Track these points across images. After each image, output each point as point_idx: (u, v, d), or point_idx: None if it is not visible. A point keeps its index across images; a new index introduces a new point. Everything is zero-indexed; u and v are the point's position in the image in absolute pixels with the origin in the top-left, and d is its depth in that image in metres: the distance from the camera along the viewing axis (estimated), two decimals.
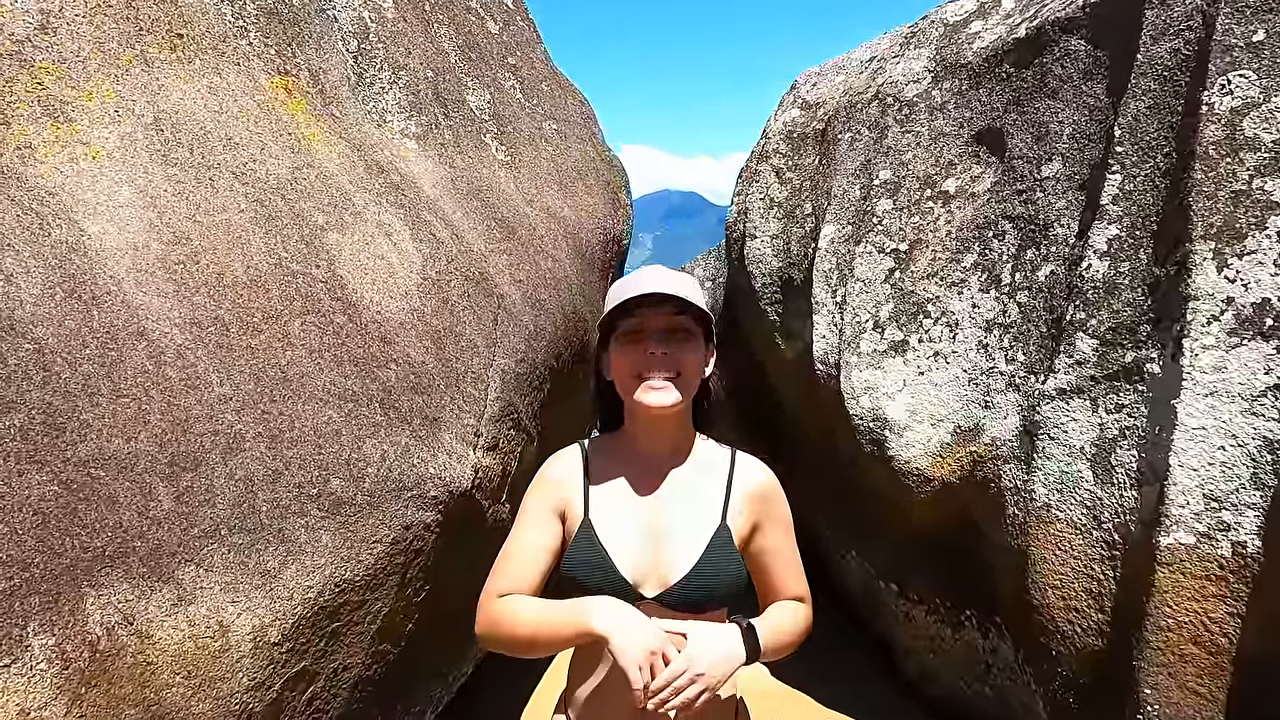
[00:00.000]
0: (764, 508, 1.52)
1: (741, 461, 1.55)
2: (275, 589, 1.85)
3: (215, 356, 2.04)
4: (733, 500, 1.48)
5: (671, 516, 1.44)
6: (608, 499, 1.44)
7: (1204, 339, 2.23)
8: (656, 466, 1.47)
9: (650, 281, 1.39)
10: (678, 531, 1.43)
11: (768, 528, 1.52)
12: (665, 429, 1.46)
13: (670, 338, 1.39)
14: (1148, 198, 2.52)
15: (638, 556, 1.40)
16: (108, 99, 2.31)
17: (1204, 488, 2.19)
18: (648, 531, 1.42)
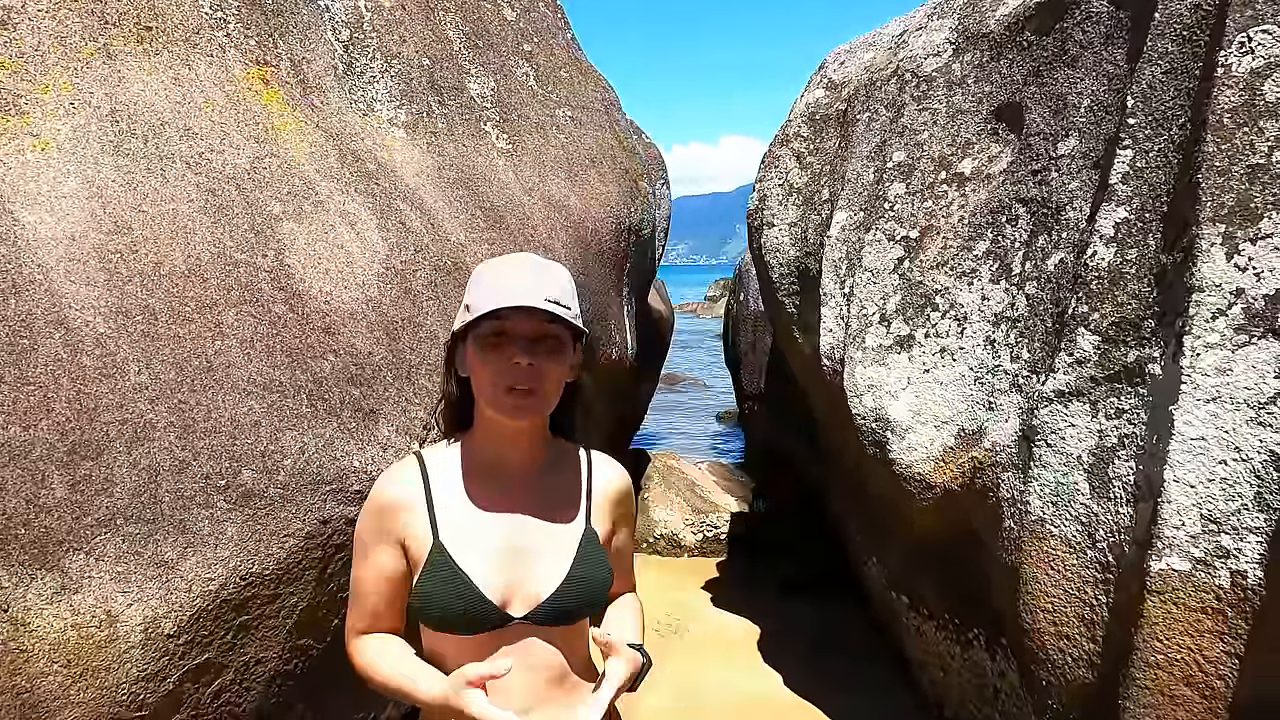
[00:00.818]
0: (622, 509, 1.46)
1: (598, 461, 1.47)
2: (172, 580, 1.84)
3: (138, 345, 2.05)
4: (594, 502, 1.41)
5: (533, 528, 1.34)
6: (458, 516, 1.31)
7: (1207, 336, 1.94)
8: (511, 474, 1.35)
9: (522, 288, 1.23)
10: (542, 543, 1.33)
11: (622, 528, 1.48)
12: (521, 439, 1.35)
13: (537, 347, 1.26)
14: (1160, 175, 2.22)
15: (501, 575, 1.29)
16: (64, 91, 2.36)
17: (1201, 507, 1.91)
18: (508, 547, 1.31)
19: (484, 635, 1.27)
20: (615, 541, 1.45)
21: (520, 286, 1.24)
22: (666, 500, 6.30)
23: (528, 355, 1.24)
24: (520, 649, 1.28)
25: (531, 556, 1.32)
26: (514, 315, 1.23)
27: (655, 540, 6.13)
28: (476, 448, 1.36)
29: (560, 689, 1.32)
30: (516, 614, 1.29)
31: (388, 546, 1.31)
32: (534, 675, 1.30)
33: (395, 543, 1.30)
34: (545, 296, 1.24)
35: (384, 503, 1.32)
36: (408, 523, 1.30)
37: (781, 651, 4.44)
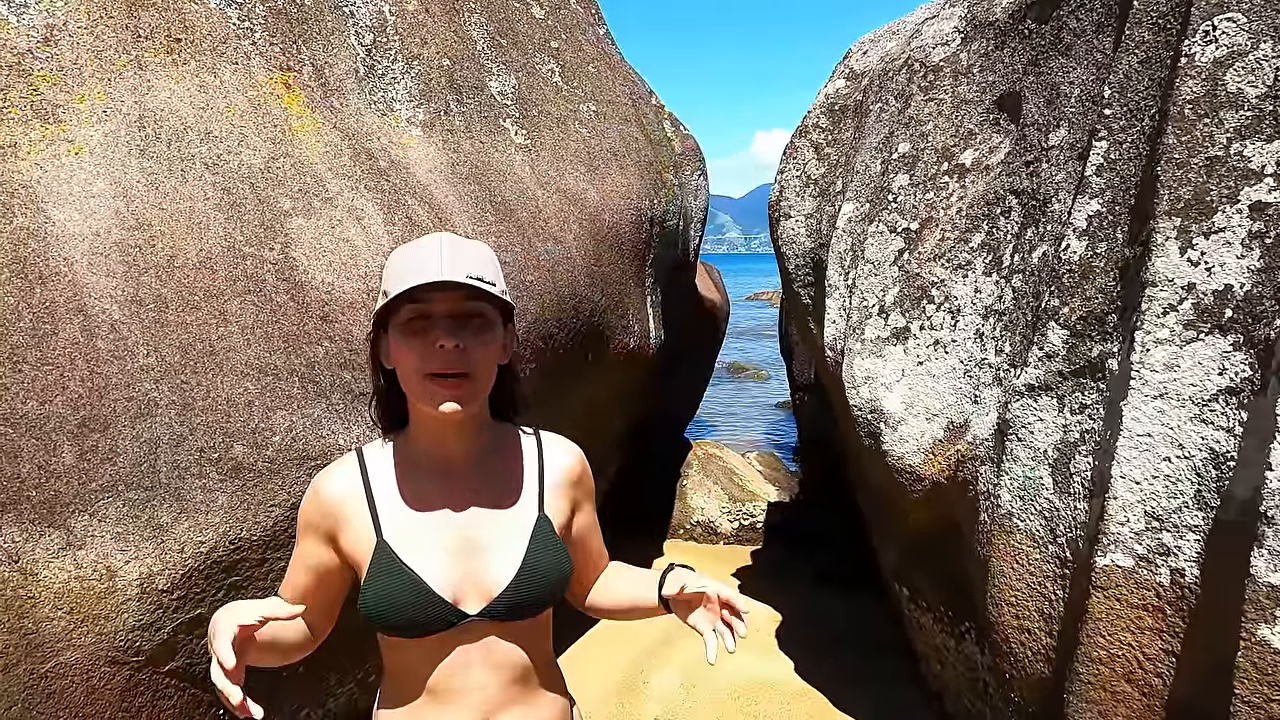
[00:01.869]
0: (580, 489, 1.40)
1: (549, 443, 1.40)
2: (166, 542, 2.05)
3: (148, 331, 2.27)
4: (548, 487, 1.34)
5: (482, 520, 1.27)
6: (402, 513, 1.25)
7: (1157, 332, 1.91)
8: (454, 467, 1.29)
9: (438, 264, 1.16)
10: (493, 535, 1.27)
11: (583, 507, 1.42)
12: (459, 429, 1.27)
13: (462, 327, 1.18)
14: (1131, 168, 2.18)
15: (452, 571, 1.23)
16: (98, 101, 2.61)
17: (1146, 504, 1.90)
18: (458, 541, 1.25)
19: (441, 636, 1.22)
20: (577, 525, 1.40)
21: (436, 263, 1.16)
22: (704, 488, 6.38)
23: (453, 337, 1.16)
24: (480, 648, 1.23)
25: (483, 550, 1.25)
26: (433, 295, 1.16)
27: (691, 527, 6.23)
28: (415, 441, 1.29)
29: (525, 688, 1.28)
30: (471, 611, 1.22)
31: (316, 542, 1.28)
32: (496, 674, 1.25)
33: (325, 540, 1.27)
34: (466, 272, 1.16)
35: (319, 502, 1.28)
36: (346, 523, 1.25)
37: (799, 641, 4.49)
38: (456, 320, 1.18)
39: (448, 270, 1.15)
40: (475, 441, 1.31)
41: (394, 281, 1.19)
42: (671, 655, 4.21)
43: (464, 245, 1.22)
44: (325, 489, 1.28)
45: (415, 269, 1.17)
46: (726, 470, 6.65)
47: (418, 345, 1.18)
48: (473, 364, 1.19)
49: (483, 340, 1.21)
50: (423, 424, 1.28)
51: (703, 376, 8.86)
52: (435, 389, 1.18)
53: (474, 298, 1.19)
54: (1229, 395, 1.77)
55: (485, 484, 1.30)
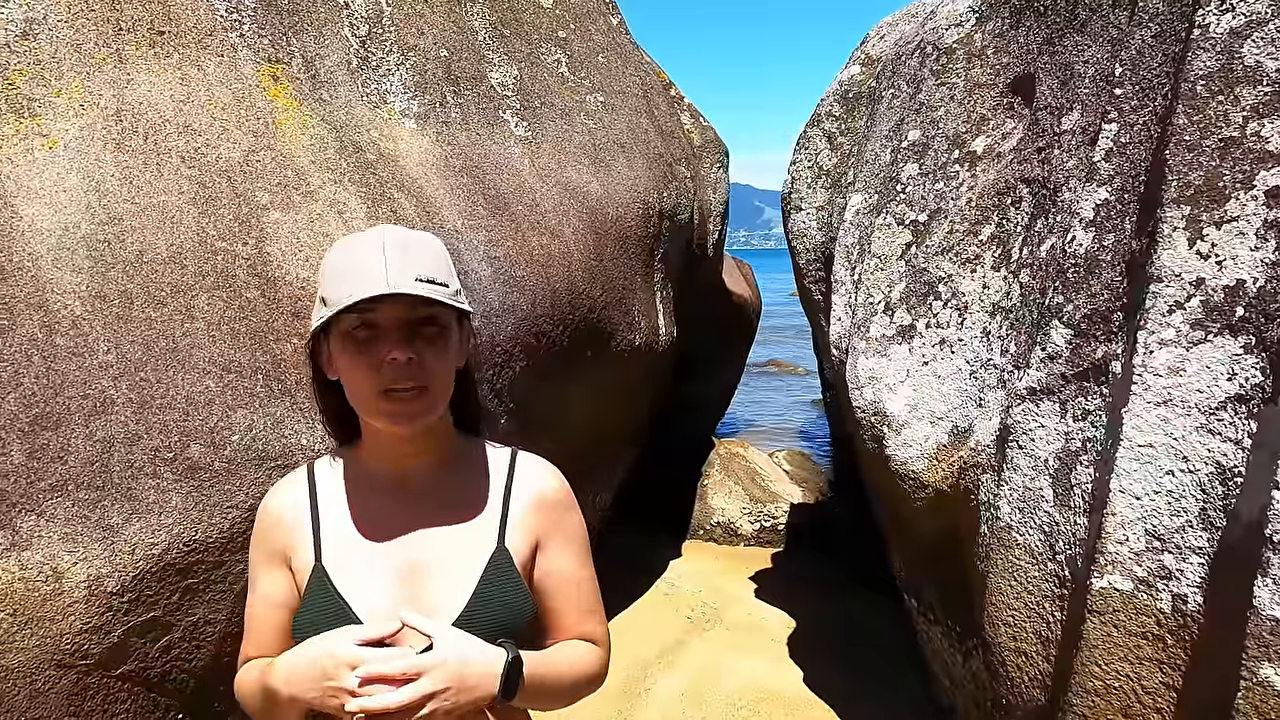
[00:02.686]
0: (549, 519, 1.20)
1: (523, 465, 1.22)
2: (116, 543, 2.01)
3: (110, 327, 2.24)
4: (511, 514, 1.17)
5: (433, 545, 1.13)
6: (345, 535, 1.14)
7: (1162, 332, 1.73)
8: (408, 485, 1.16)
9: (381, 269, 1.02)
10: (442, 563, 1.12)
11: (553, 545, 1.20)
12: (415, 445, 1.15)
13: (414, 335, 1.06)
14: (1141, 151, 2.00)
15: (389, 602, 1.09)
16: (75, 94, 2.59)
17: (1146, 522, 1.72)
18: (402, 568, 1.12)
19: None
20: (546, 563, 1.19)
21: (380, 267, 1.02)
22: (725, 488, 6.24)
23: (405, 349, 1.04)
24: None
25: (429, 579, 1.12)
26: (379, 304, 1.03)
27: (711, 528, 6.10)
28: (366, 456, 1.18)
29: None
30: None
31: (276, 569, 1.16)
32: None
33: (283, 563, 1.16)
34: (415, 275, 1.03)
35: (267, 521, 1.18)
36: (292, 542, 1.15)
37: (812, 648, 4.33)
38: (406, 328, 1.06)
39: (394, 276, 1.02)
40: (433, 457, 1.18)
41: (333, 286, 1.06)
42: (679, 660, 4.10)
43: (410, 243, 1.08)
44: (271, 510, 1.18)
45: (357, 274, 1.04)
46: (749, 470, 6.50)
47: (365, 359, 1.05)
48: (428, 375, 1.07)
49: (437, 349, 1.08)
50: (375, 439, 1.16)
51: (732, 373, 8.70)
52: (388, 407, 1.06)
53: (422, 303, 1.05)
54: (1238, 403, 1.59)
55: (442, 505, 1.16)
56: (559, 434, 3.53)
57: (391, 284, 1.01)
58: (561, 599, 1.21)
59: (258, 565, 1.19)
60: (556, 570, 1.20)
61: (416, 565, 1.12)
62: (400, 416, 1.07)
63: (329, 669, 1.01)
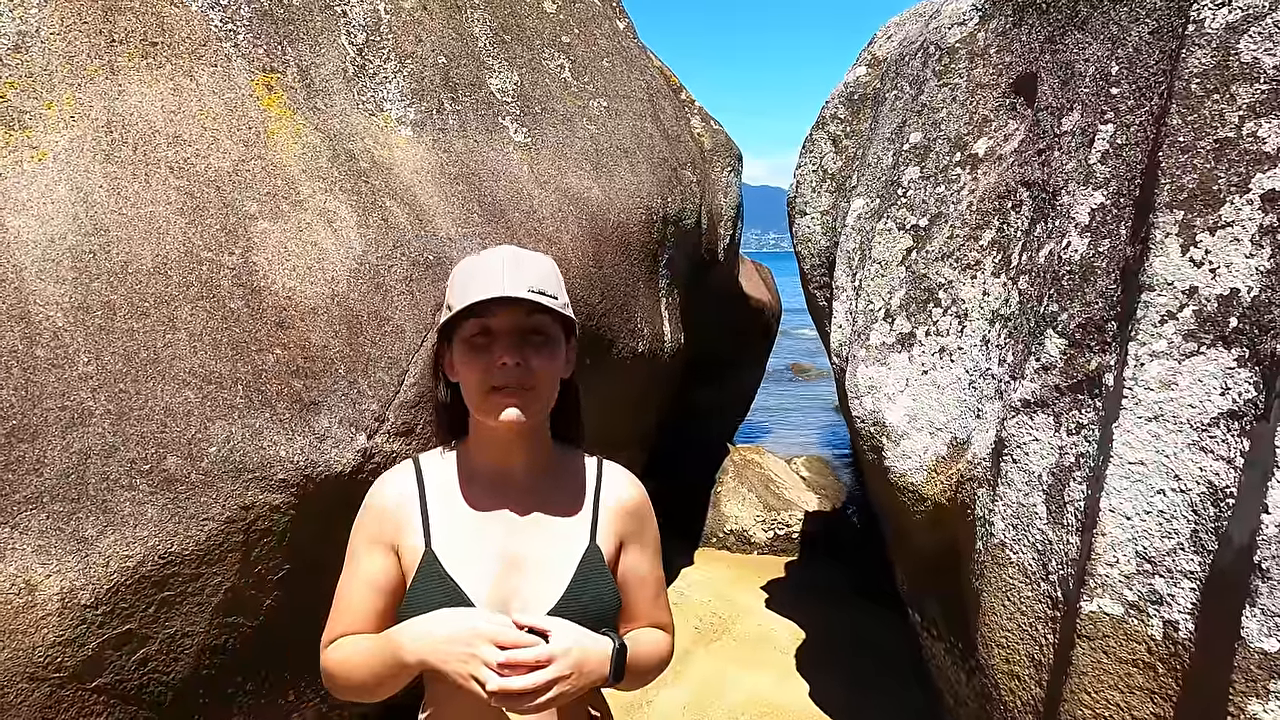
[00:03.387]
0: (633, 526, 1.33)
1: (609, 474, 1.35)
2: (90, 555, 2.00)
3: (92, 338, 2.24)
4: (601, 517, 1.30)
5: (532, 539, 1.25)
6: (453, 524, 1.24)
7: (1154, 344, 1.65)
8: (510, 483, 1.27)
9: (500, 278, 1.15)
10: (541, 556, 1.24)
11: (635, 547, 1.34)
12: (519, 443, 1.26)
13: (524, 343, 1.17)
14: (1137, 153, 1.91)
15: (495, 588, 1.20)
16: (66, 106, 2.60)
17: (1137, 543, 1.64)
18: (504, 558, 1.23)
19: None
20: (627, 562, 1.32)
21: (498, 277, 1.16)
22: (738, 495, 6.16)
23: (515, 353, 1.16)
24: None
25: (529, 570, 1.23)
26: (496, 310, 1.16)
27: (724, 536, 6.02)
28: (473, 454, 1.28)
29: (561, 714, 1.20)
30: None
31: (380, 553, 1.25)
32: None
33: (388, 549, 1.24)
34: (528, 286, 1.16)
35: (377, 508, 1.27)
36: (400, 531, 1.24)
37: (820, 661, 4.25)
38: (518, 335, 1.18)
39: (510, 285, 1.15)
40: (534, 457, 1.29)
41: (457, 295, 1.20)
42: (684, 672, 4.04)
43: (526, 259, 1.21)
44: (381, 498, 1.28)
45: (478, 283, 1.17)
46: (763, 477, 6.41)
47: (481, 361, 1.18)
48: (534, 379, 1.19)
49: (544, 355, 1.20)
50: (483, 436, 1.27)
51: (750, 379, 8.61)
52: (496, 402, 1.18)
53: (536, 312, 1.18)
54: (1231, 419, 1.50)
55: (540, 503, 1.28)
56: None
57: (507, 289, 1.14)
58: (639, 592, 1.34)
59: (360, 549, 1.27)
60: (635, 568, 1.34)
61: (516, 556, 1.24)
62: (506, 412, 1.17)
63: (472, 640, 1.09)
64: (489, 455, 1.27)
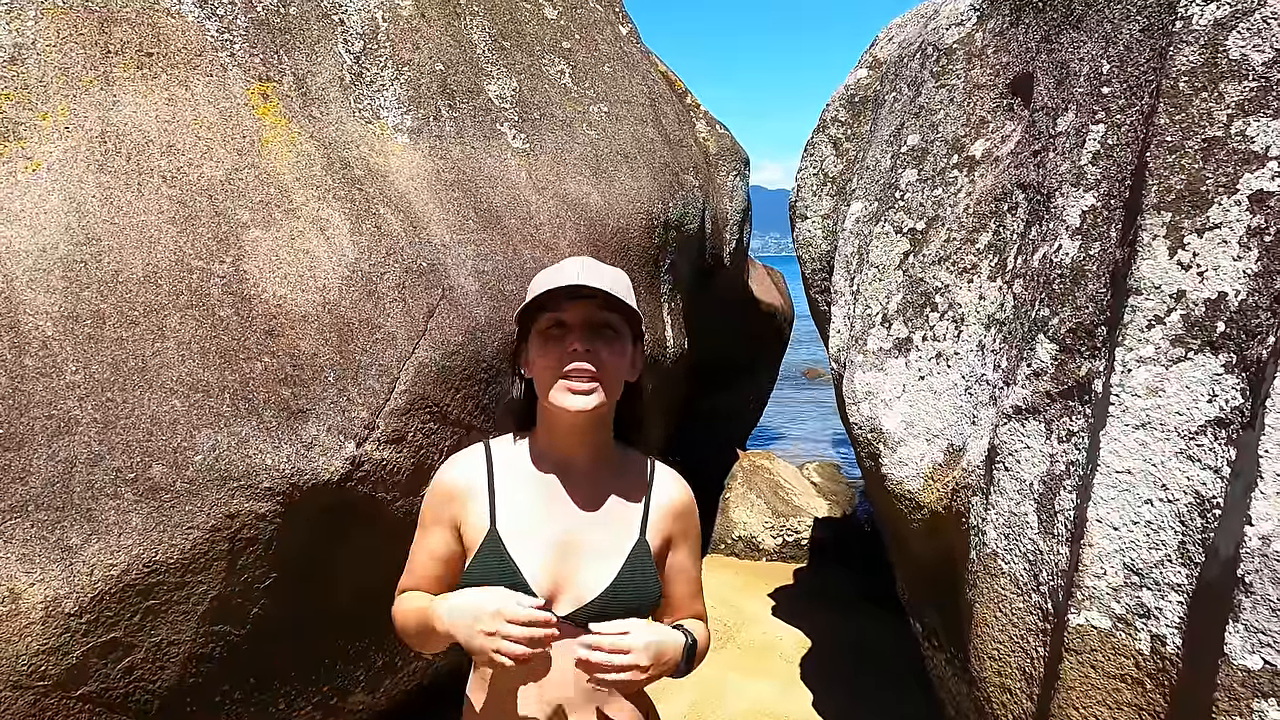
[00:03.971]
0: (681, 524, 1.44)
1: (661, 474, 1.45)
2: (75, 564, 2.01)
3: (81, 347, 2.25)
4: (652, 514, 1.39)
5: (588, 528, 1.35)
6: (517, 507, 1.34)
7: (1141, 349, 1.60)
8: (572, 473, 1.37)
9: (575, 274, 1.28)
10: (594, 545, 1.34)
11: (681, 546, 1.44)
12: (583, 433, 1.34)
13: (595, 335, 1.28)
14: (1128, 154, 1.86)
15: (550, 571, 1.31)
16: (61, 117, 2.63)
17: (1124, 554, 1.59)
18: (561, 544, 1.33)
19: None
20: (673, 559, 1.43)
21: (574, 275, 1.27)
22: (746, 501, 6.12)
23: (586, 342, 1.26)
24: (560, 647, 1.26)
25: (582, 556, 1.33)
26: (569, 304, 1.26)
27: (733, 542, 5.98)
28: (540, 443, 1.38)
29: (599, 692, 1.31)
30: (560, 612, 1.29)
31: (442, 529, 1.36)
32: (577, 675, 1.27)
33: (450, 526, 1.35)
34: (599, 283, 1.27)
35: (445, 487, 1.37)
36: (466, 508, 1.34)
37: (825, 671, 4.20)
38: (590, 328, 1.28)
39: (585, 278, 1.26)
40: (596, 449, 1.37)
41: (534, 291, 1.32)
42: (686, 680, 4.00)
43: (599, 265, 1.33)
44: (450, 478, 1.38)
45: (553, 281, 1.28)
46: (773, 483, 6.36)
47: (554, 350, 1.28)
48: (602, 368, 1.27)
49: (613, 349, 1.30)
50: (552, 424, 1.35)
51: (762, 383, 8.56)
52: (567, 386, 1.27)
53: (606, 308, 1.28)
54: (1218, 427, 1.46)
55: (598, 495, 1.37)
56: None
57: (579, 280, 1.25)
58: (681, 587, 1.46)
59: (428, 523, 1.39)
60: (680, 565, 1.45)
61: (572, 542, 1.33)
62: (575, 398, 1.26)
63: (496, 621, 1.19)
64: (555, 443, 1.36)
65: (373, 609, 2.95)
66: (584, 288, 1.25)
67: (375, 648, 2.73)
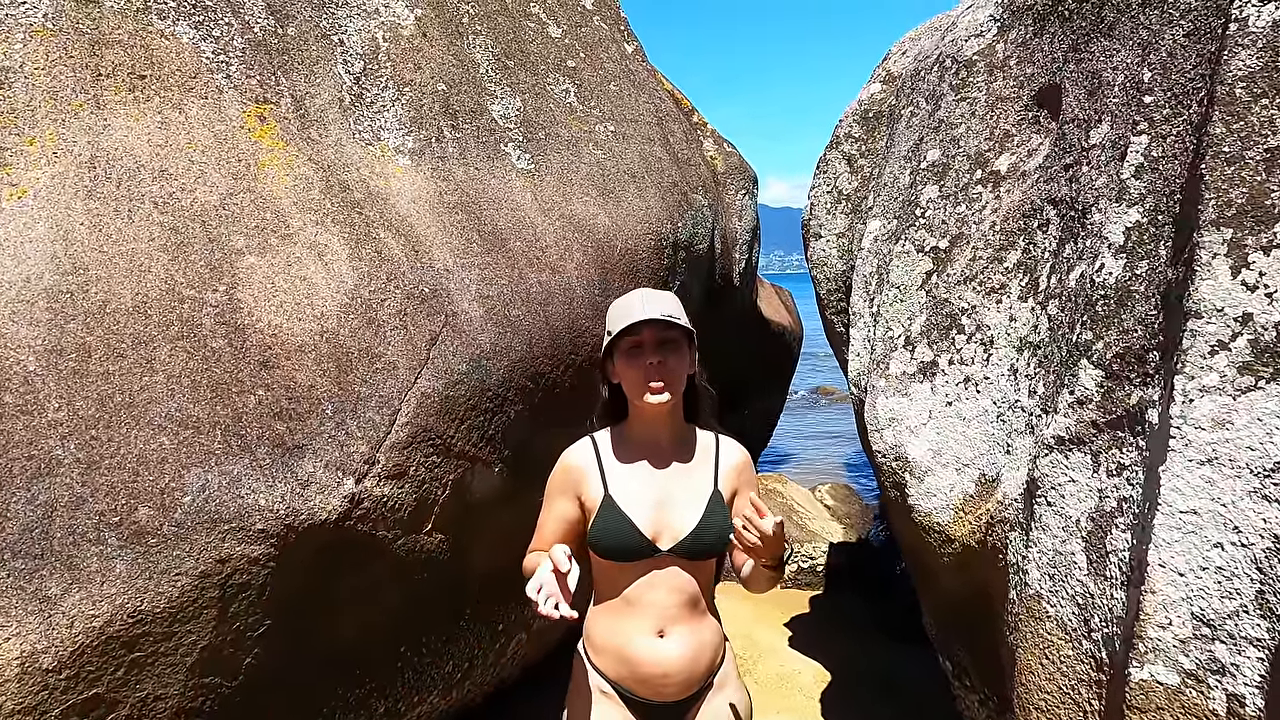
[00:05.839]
0: (742, 478, 1.86)
1: (724, 442, 1.89)
2: (53, 616, 1.88)
3: (64, 383, 2.13)
4: (720, 472, 1.82)
5: (675, 486, 1.77)
6: (623, 477, 1.77)
7: (1203, 377, 1.47)
8: (659, 448, 1.80)
9: (646, 307, 1.72)
10: (681, 498, 1.76)
11: (744, 493, 1.83)
12: (663, 420, 1.78)
13: (662, 349, 1.72)
14: (1176, 166, 1.74)
15: (652, 519, 1.73)
16: (49, 143, 2.53)
17: (1192, 603, 1.45)
18: (658, 499, 1.75)
19: (639, 562, 1.72)
20: (738, 503, 1.81)
21: (639, 309, 1.71)
22: None
23: (657, 355, 1.71)
24: (665, 574, 1.72)
25: (673, 506, 1.75)
26: (642, 329, 1.70)
27: None
28: (630, 429, 1.82)
29: (693, 611, 1.74)
30: (663, 548, 1.72)
31: (567, 498, 1.80)
32: (675, 596, 1.72)
33: (573, 496, 1.79)
34: (660, 312, 1.70)
35: (568, 467, 1.82)
36: (584, 482, 1.78)
37: (845, 707, 4.03)
38: (658, 345, 1.72)
39: (649, 311, 1.70)
40: (674, 429, 1.82)
41: (615, 323, 1.76)
42: None
43: (659, 294, 1.79)
44: (570, 460, 1.82)
45: (628, 313, 1.72)
46: (785, 508, 6.21)
47: (634, 363, 1.72)
48: (670, 373, 1.72)
49: (676, 357, 1.74)
50: (639, 414, 1.79)
51: (772, 404, 8.42)
52: (648, 388, 1.71)
53: (667, 328, 1.72)
54: None
55: (678, 461, 1.81)
56: None
57: (648, 314, 1.69)
58: None
59: (555, 495, 1.82)
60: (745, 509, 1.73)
61: (663, 497, 1.76)
62: (654, 397, 1.70)
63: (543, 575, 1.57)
64: (644, 429, 1.80)
65: (376, 651, 2.82)
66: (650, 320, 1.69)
67: (377, 694, 2.59)
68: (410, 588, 2.66)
